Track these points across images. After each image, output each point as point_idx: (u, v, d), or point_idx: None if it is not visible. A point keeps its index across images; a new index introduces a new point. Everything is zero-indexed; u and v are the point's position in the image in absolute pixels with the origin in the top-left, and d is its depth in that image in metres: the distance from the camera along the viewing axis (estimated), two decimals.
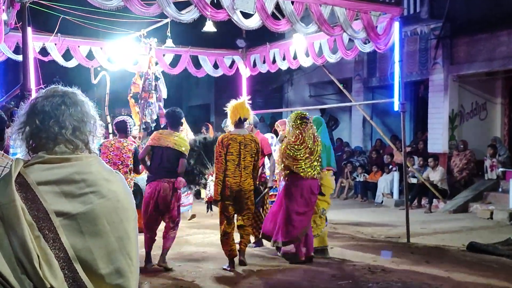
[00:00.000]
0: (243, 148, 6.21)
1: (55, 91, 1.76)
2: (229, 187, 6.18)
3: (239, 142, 6.22)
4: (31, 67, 6.62)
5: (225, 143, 6.20)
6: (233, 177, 6.18)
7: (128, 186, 1.78)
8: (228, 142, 6.19)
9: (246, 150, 6.22)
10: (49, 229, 1.57)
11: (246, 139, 6.27)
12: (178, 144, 6.21)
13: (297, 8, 7.44)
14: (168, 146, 6.17)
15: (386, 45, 8.23)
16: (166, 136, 6.28)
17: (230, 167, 6.17)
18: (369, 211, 11.49)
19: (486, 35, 11.80)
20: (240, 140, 6.23)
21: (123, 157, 6.47)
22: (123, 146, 6.51)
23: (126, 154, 6.46)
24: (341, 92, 12.74)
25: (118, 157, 6.47)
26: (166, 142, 6.20)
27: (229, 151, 6.18)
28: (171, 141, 6.20)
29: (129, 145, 6.55)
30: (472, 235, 8.36)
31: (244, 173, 6.21)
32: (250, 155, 6.24)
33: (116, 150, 6.49)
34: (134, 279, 1.67)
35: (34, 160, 1.66)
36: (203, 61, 11.46)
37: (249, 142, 6.26)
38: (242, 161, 6.19)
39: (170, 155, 6.17)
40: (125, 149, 6.49)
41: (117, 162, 6.44)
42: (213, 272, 6.16)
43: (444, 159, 12.46)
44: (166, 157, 6.17)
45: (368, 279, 5.88)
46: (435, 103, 12.85)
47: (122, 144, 6.53)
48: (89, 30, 9.77)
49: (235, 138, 6.23)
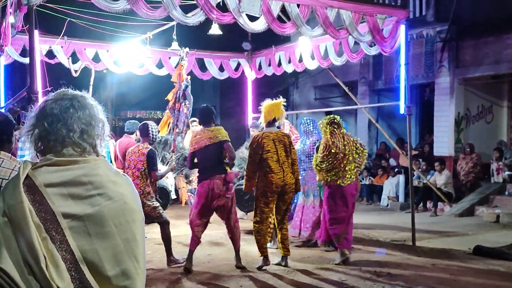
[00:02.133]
0: (278, 144, 6.41)
1: (64, 94, 1.78)
2: (274, 183, 6.34)
3: (273, 139, 6.42)
4: (37, 70, 6.64)
5: (261, 142, 6.36)
6: (276, 173, 6.35)
7: (135, 189, 1.79)
8: (263, 141, 6.36)
9: (280, 145, 6.43)
10: (56, 230, 1.58)
11: (278, 135, 6.50)
12: (213, 137, 6.30)
13: (302, 11, 7.44)
14: (205, 144, 6.26)
15: (392, 48, 8.22)
16: (201, 135, 6.37)
17: (272, 164, 6.35)
18: (374, 215, 11.46)
19: (493, 38, 11.76)
20: (273, 137, 6.44)
21: (136, 161, 6.42)
22: (138, 150, 6.48)
23: (139, 158, 6.40)
24: (346, 95, 12.74)
25: (133, 161, 6.44)
26: (202, 142, 6.30)
27: (266, 149, 6.36)
28: (206, 138, 6.29)
29: (143, 149, 6.45)
30: (478, 239, 8.32)
31: (284, 168, 6.40)
32: (284, 150, 6.43)
33: (133, 154, 6.48)
34: (140, 281, 1.68)
35: (42, 162, 1.68)
36: (209, 64, 11.48)
37: (281, 137, 6.50)
38: (279, 157, 6.39)
39: (210, 151, 6.26)
40: (139, 153, 6.43)
41: (131, 166, 6.43)
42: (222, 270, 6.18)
43: (450, 162, 12.41)
44: (208, 155, 6.27)
45: (374, 283, 5.86)
46: (441, 106, 12.81)
47: (138, 148, 6.51)
48: (95, 33, 9.81)
49: (268, 136, 6.43)
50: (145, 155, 6.38)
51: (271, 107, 6.56)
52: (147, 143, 6.54)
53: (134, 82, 14.55)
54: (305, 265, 6.64)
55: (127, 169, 6.45)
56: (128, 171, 6.41)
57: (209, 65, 11.48)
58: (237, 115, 17.07)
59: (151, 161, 6.39)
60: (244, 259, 6.60)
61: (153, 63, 10.98)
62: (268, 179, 6.33)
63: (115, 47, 10.43)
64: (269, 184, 6.34)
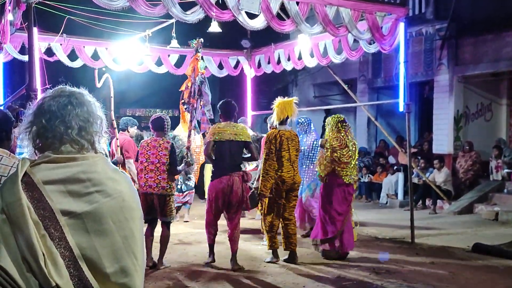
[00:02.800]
0: (291, 143, 6.51)
1: (62, 91, 1.77)
2: (284, 181, 6.44)
3: (287, 137, 6.50)
4: (36, 67, 6.63)
5: (278, 139, 6.42)
6: (287, 172, 6.46)
7: (134, 186, 1.79)
8: (282, 139, 6.44)
9: (292, 145, 6.53)
10: (55, 228, 1.58)
11: (292, 135, 6.61)
12: (239, 134, 6.29)
13: (302, 8, 7.44)
14: (230, 139, 6.23)
15: (391, 46, 8.21)
16: (226, 128, 6.31)
17: (284, 162, 6.45)
18: (373, 212, 11.46)
19: (492, 36, 11.75)
20: (288, 136, 6.52)
21: (159, 155, 6.21)
22: (159, 144, 6.26)
23: (162, 152, 6.20)
24: (345, 92, 12.72)
25: (155, 155, 6.23)
26: (227, 135, 6.25)
27: (282, 147, 6.44)
28: (232, 133, 6.26)
29: (164, 143, 6.27)
30: (477, 237, 8.33)
31: (294, 167, 6.54)
32: (295, 149, 6.58)
33: (153, 149, 6.25)
34: (139, 278, 1.68)
35: (41, 159, 1.68)
36: (208, 62, 11.47)
37: (293, 137, 6.61)
38: (291, 155, 6.49)
39: (234, 147, 6.24)
40: (161, 147, 6.24)
41: (154, 161, 6.20)
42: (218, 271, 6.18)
43: (449, 160, 12.42)
44: (231, 151, 6.23)
45: (373, 280, 5.87)
46: (440, 104, 12.81)
47: (158, 142, 6.28)
48: (94, 30, 9.79)
49: (283, 134, 6.49)
50: (169, 149, 6.21)
51: (284, 105, 6.61)
52: (162, 136, 6.36)
53: (134, 80, 14.52)
54: (303, 262, 6.65)
55: (145, 163, 6.22)
56: (147, 165, 6.20)
57: (208, 63, 11.46)
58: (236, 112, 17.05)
59: (173, 155, 6.26)
60: (243, 259, 6.60)
61: (153, 61, 10.98)
62: (279, 176, 6.44)
63: (114, 45, 10.42)
64: (280, 181, 6.44)
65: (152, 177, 6.17)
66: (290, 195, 6.60)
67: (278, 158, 6.43)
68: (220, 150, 6.25)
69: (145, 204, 6.12)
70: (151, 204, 6.22)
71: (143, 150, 6.32)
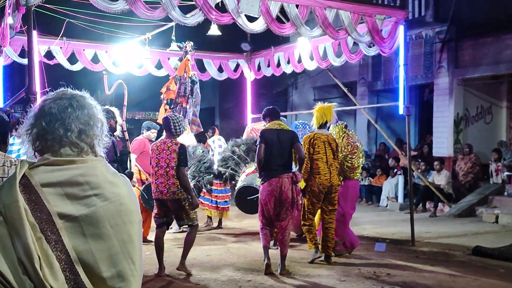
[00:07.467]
0: (327, 146, 6.65)
1: (63, 93, 1.77)
2: (320, 184, 6.57)
3: (323, 141, 6.65)
4: (36, 71, 6.62)
5: (312, 142, 6.60)
6: (323, 175, 6.60)
7: (133, 190, 1.78)
8: (315, 142, 6.60)
9: (329, 148, 6.67)
10: (52, 230, 1.57)
11: (329, 138, 6.75)
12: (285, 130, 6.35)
13: (301, 11, 7.44)
14: (277, 135, 6.22)
15: (391, 49, 8.22)
16: (272, 130, 6.29)
17: (320, 165, 6.59)
18: (374, 215, 11.45)
19: (492, 39, 11.76)
20: (324, 139, 6.68)
21: (168, 159, 6.05)
22: (168, 147, 6.09)
23: (171, 155, 6.04)
24: (345, 95, 12.74)
25: (164, 159, 6.07)
26: (274, 137, 6.21)
27: (316, 150, 6.58)
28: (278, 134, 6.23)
29: (173, 145, 6.08)
30: (478, 239, 8.32)
31: (332, 170, 6.65)
32: (332, 152, 6.69)
33: (162, 152, 6.08)
34: (136, 282, 1.67)
35: (40, 162, 1.67)
36: (208, 65, 11.48)
37: (331, 140, 6.74)
38: (328, 158, 6.61)
39: (282, 148, 6.17)
40: (170, 150, 6.07)
41: (163, 165, 6.04)
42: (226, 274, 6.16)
43: (449, 162, 12.42)
44: (279, 151, 6.16)
45: (373, 283, 5.85)
46: (440, 107, 12.81)
47: (167, 144, 6.11)
48: (94, 33, 9.81)
49: (319, 137, 6.65)
50: (177, 152, 6.03)
51: (324, 111, 6.81)
52: (172, 137, 6.18)
53: (133, 83, 14.51)
54: (304, 265, 6.64)
55: (155, 167, 6.09)
56: (157, 169, 6.07)
57: (208, 66, 11.48)
58: (236, 115, 17.07)
59: (181, 157, 6.05)
60: (243, 258, 6.59)
61: (152, 64, 10.99)
62: (316, 179, 6.57)
63: (114, 48, 10.42)
64: (316, 184, 6.57)
65: (162, 182, 6.02)
66: (328, 197, 6.71)
67: (313, 162, 6.59)
68: (268, 151, 6.17)
69: (159, 209, 6.15)
70: (167, 209, 6.14)
71: (153, 154, 6.16)
